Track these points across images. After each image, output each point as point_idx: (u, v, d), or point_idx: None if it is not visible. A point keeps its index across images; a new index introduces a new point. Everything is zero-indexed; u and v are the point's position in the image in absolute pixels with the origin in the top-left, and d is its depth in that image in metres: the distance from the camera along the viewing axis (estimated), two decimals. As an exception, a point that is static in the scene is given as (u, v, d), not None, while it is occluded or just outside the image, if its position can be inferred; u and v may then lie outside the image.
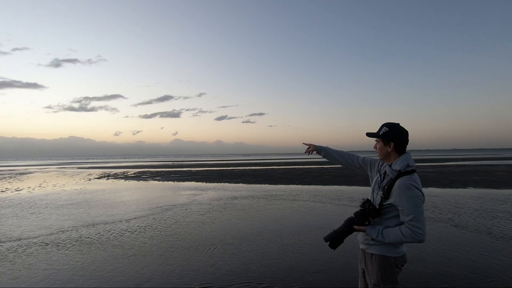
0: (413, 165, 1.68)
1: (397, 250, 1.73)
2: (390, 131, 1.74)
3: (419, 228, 1.56)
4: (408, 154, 1.71)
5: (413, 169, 1.67)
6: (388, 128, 1.75)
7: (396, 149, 1.73)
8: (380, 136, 1.77)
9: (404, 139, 1.73)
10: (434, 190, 11.30)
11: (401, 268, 1.75)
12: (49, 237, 5.68)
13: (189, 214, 7.64)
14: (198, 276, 3.75)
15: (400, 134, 1.73)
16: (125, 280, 3.69)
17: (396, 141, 1.72)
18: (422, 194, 1.61)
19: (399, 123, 1.77)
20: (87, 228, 6.33)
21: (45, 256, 4.60)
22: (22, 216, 7.73)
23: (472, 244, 4.78)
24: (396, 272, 1.73)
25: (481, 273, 3.67)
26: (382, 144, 1.77)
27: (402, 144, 1.73)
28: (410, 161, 1.68)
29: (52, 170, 33.06)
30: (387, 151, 1.76)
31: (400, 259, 1.74)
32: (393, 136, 1.73)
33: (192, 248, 4.90)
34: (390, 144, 1.73)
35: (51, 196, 11.57)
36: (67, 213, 8.07)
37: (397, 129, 1.74)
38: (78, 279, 3.72)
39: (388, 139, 1.74)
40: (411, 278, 3.56)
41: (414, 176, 1.65)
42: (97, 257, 4.55)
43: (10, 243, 5.36)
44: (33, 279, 3.75)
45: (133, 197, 11.34)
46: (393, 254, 1.72)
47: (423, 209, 1.61)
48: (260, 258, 4.36)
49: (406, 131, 1.75)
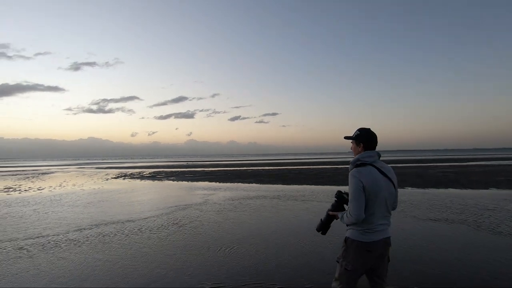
0: (365, 160, 2.03)
1: (362, 236, 2.01)
2: (361, 134, 2.12)
3: (351, 209, 1.95)
4: (365, 152, 2.06)
5: (363, 162, 2.02)
6: (359, 132, 2.14)
7: (364, 149, 2.09)
8: (353, 138, 2.16)
9: (370, 141, 2.09)
10: (454, 191, 10.90)
11: (365, 252, 1.99)
12: (68, 235, 5.86)
13: (203, 214, 7.69)
14: (210, 276, 3.75)
15: (368, 137, 2.10)
16: (140, 277, 3.75)
17: (365, 142, 2.09)
18: (359, 182, 1.93)
19: (370, 128, 2.14)
20: (104, 227, 6.49)
21: (64, 253, 4.75)
22: (44, 214, 8.02)
23: (495, 247, 4.56)
24: (357, 254, 2.00)
25: (503, 277, 3.49)
26: (355, 145, 2.16)
27: (369, 145, 2.09)
28: (361, 157, 2.05)
29: (72, 170, 34.22)
30: (358, 151, 2.14)
31: (363, 244, 1.99)
32: (363, 138, 2.11)
33: (205, 247, 4.93)
34: (361, 145, 2.11)
35: (70, 195, 11.96)
36: (86, 212, 8.31)
37: (367, 133, 2.11)
38: (95, 276, 3.81)
39: (359, 140, 2.12)
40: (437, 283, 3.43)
41: (360, 168, 1.99)
42: (113, 254, 4.64)
43: (32, 239, 5.56)
44: (52, 275, 3.87)
45: (148, 196, 11.55)
46: (356, 237, 2.02)
47: (358, 195, 1.93)
48: (274, 258, 4.32)
49: (374, 134, 2.12)
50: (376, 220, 1.98)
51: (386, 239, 2.05)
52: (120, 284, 3.58)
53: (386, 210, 2.02)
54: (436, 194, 10.23)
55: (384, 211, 2.00)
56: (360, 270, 2.03)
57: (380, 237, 2.01)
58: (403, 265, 3.93)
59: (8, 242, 5.42)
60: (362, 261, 2.01)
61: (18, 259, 4.53)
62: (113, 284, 3.58)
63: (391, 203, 2.05)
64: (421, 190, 11.47)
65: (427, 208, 7.78)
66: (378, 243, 2.00)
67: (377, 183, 1.95)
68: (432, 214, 7.05)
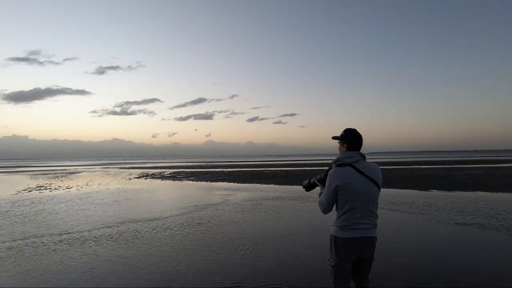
0: (344, 160, 2.11)
1: (340, 232, 2.10)
2: (346, 134, 2.19)
3: (320, 202, 2.18)
4: (347, 153, 2.14)
5: (342, 163, 2.10)
6: (344, 132, 2.22)
7: (349, 149, 2.16)
8: (338, 138, 2.25)
9: (354, 141, 2.15)
10: (483, 194, 10.36)
11: (341, 248, 2.08)
12: (94, 232, 6.14)
13: (222, 214, 7.80)
14: (230, 275, 3.81)
15: (352, 138, 2.16)
16: (163, 274, 3.87)
17: (349, 143, 2.16)
18: (333, 181, 2.06)
19: (355, 129, 2.21)
20: (128, 225, 6.75)
21: (91, 249, 4.98)
22: (72, 212, 8.45)
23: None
24: (336, 249, 2.11)
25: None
26: (340, 145, 2.24)
27: (352, 145, 2.15)
28: (341, 158, 2.14)
29: (97, 170, 35.73)
30: (342, 150, 2.22)
31: (339, 240, 2.09)
32: (347, 138, 2.17)
33: (224, 247, 5.00)
34: (345, 145, 2.18)
35: (96, 194, 12.51)
36: (111, 210, 8.66)
37: (351, 133, 2.18)
38: (120, 271, 3.98)
39: (344, 141, 2.19)
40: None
41: (338, 168, 2.10)
42: (137, 251, 4.82)
43: (62, 235, 5.88)
44: (80, 270, 4.07)
45: (169, 196, 11.86)
46: (335, 233, 2.13)
47: (328, 191, 2.09)
48: (292, 260, 4.31)
49: (357, 135, 2.18)
50: (355, 219, 2.05)
51: (366, 238, 2.08)
52: (143, 280, 3.71)
53: (367, 210, 2.07)
54: (463, 197, 9.76)
55: (365, 211, 2.06)
56: (342, 265, 2.11)
57: (359, 235, 2.07)
58: (431, 272, 3.79)
59: (42, 237, 5.76)
60: (341, 257, 2.10)
61: (50, 253, 4.80)
62: (137, 280, 3.72)
63: (373, 202, 2.09)
64: (447, 193, 11.00)
65: (453, 212, 7.46)
66: (356, 241, 2.07)
67: (353, 184, 2.03)
68: (460, 218, 6.74)
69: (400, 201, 9.20)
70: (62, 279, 3.78)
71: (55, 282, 3.71)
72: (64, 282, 3.70)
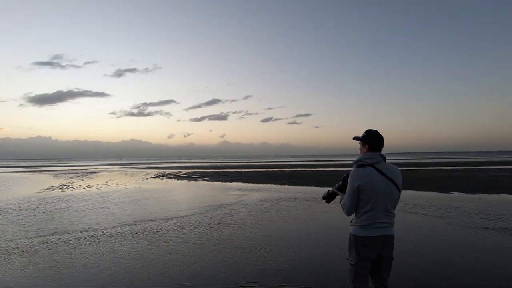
0: (366, 161, 2.12)
1: (360, 231, 2.12)
2: (367, 136, 2.20)
3: (344, 204, 2.19)
4: (368, 154, 2.15)
5: (363, 163, 2.12)
6: (365, 133, 2.22)
7: (370, 150, 2.17)
8: (360, 139, 2.25)
9: (375, 142, 2.16)
10: (506, 197, 9.91)
11: (361, 247, 2.10)
12: (114, 230, 6.34)
13: (236, 214, 7.85)
14: (245, 275, 3.83)
15: (373, 138, 2.17)
16: (179, 272, 3.95)
17: (370, 144, 2.17)
18: (355, 181, 2.07)
19: (376, 130, 2.22)
20: (146, 223, 6.92)
21: (110, 246, 5.15)
22: (93, 210, 8.75)
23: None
24: (356, 248, 2.12)
25: None
26: (361, 146, 2.24)
27: (374, 146, 2.16)
28: (362, 158, 2.15)
29: (116, 170, 36.81)
30: (363, 151, 2.22)
31: (359, 238, 2.11)
32: (368, 140, 2.18)
33: (240, 246, 5.03)
34: (366, 146, 2.19)
35: (115, 193, 12.90)
36: (128, 209, 8.91)
37: (372, 134, 2.19)
38: (138, 269, 4.09)
39: (365, 142, 2.20)
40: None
41: (359, 168, 2.11)
42: (154, 250, 4.94)
43: (84, 233, 6.11)
44: (101, 266, 4.22)
45: (185, 196, 12.06)
46: (355, 232, 2.15)
47: (350, 192, 2.11)
48: (307, 261, 4.29)
49: (379, 136, 2.19)
50: (375, 218, 2.08)
51: (386, 237, 2.12)
52: (161, 277, 3.80)
53: (386, 210, 2.10)
54: (486, 200, 9.37)
55: (384, 210, 2.09)
56: (362, 264, 2.11)
57: (378, 234, 2.10)
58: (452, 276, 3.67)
59: (65, 234, 6.01)
60: (362, 256, 2.11)
61: (73, 249, 5.00)
62: (154, 276, 3.82)
63: (393, 203, 2.13)
64: (469, 195, 10.58)
65: (476, 215, 7.17)
66: (376, 239, 2.10)
67: (375, 184, 2.06)
68: (483, 222, 6.48)
69: (420, 203, 8.94)
70: (84, 274, 3.94)
71: (78, 276, 3.87)
72: (86, 276, 3.85)
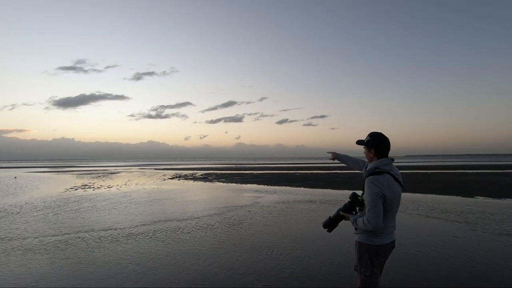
0: (383, 168, 2.01)
1: (372, 239, 2.03)
2: (371, 140, 2.08)
3: (371, 218, 1.90)
4: (381, 160, 2.03)
5: (381, 170, 2.00)
6: (369, 137, 2.10)
7: (376, 154, 2.06)
8: (364, 144, 2.13)
9: (382, 147, 2.05)
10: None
11: (376, 256, 2.02)
12: (133, 229, 6.51)
13: (252, 216, 7.86)
14: (261, 277, 3.83)
15: (379, 142, 2.06)
16: (196, 272, 4.00)
17: (375, 148, 2.06)
18: (380, 191, 1.91)
19: (381, 132, 2.10)
20: (163, 223, 7.06)
21: (130, 245, 5.29)
22: (113, 209, 9.03)
23: None
24: (371, 258, 2.02)
25: None
26: (366, 151, 2.13)
27: (381, 151, 2.05)
28: (379, 165, 2.02)
29: (134, 171, 37.82)
30: (370, 157, 2.11)
31: (374, 247, 2.02)
32: (373, 144, 2.07)
33: (256, 248, 5.04)
34: (372, 150, 2.08)
35: (134, 193, 13.25)
36: (147, 209, 9.13)
37: (377, 138, 2.07)
38: (157, 267, 4.18)
39: (370, 146, 2.08)
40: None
41: (379, 176, 1.97)
42: (171, 249, 5.03)
43: (104, 231, 6.31)
44: (121, 264, 4.35)
45: (201, 197, 12.21)
46: (367, 241, 2.04)
47: (378, 204, 1.91)
48: (324, 265, 4.23)
49: (385, 139, 2.06)
50: (387, 224, 2.01)
51: (392, 242, 2.10)
52: (178, 277, 3.87)
53: (395, 214, 2.07)
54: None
55: (393, 216, 2.06)
56: (376, 273, 2.05)
57: (389, 240, 2.07)
58: (474, 284, 3.51)
59: (87, 232, 6.24)
60: (375, 264, 2.05)
61: (95, 247, 5.18)
62: (172, 276, 3.89)
63: (399, 206, 2.09)
64: (496, 200, 10.08)
65: (503, 221, 6.82)
66: (387, 246, 2.07)
67: (394, 191, 1.99)
68: (510, 228, 6.15)
69: (442, 208, 8.61)
70: (106, 271, 4.07)
71: (100, 273, 4.00)
72: (108, 274, 3.98)
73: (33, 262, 4.47)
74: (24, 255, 4.83)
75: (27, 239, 5.74)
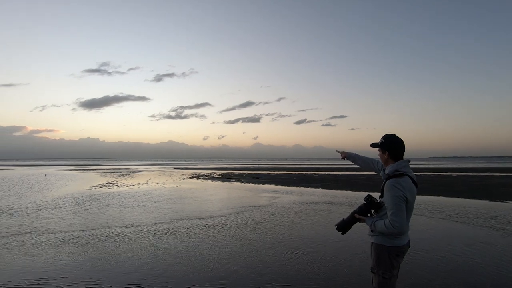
0: (402, 170, 2.01)
1: (392, 240, 2.02)
2: (386, 142, 2.11)
3: (395, 221, 1.91)
4: (400, 162, 2.05)
5: (401, 173, 2.00)
6: (384, 139, 2.13)
7: (391, 156, 2.09)
8: (379, 146, 2.15)
9: (397, 149, 2.07)
10: None
11: (395, 257, 2.03)
12: (154, 226, 6.72)
13: (269, 216, 7.88)
14: (278, 277, 3.85)
15: (394, 145, 2.08)
16: (214, 270, 4.08)
17: (390, 150, 2.09)
18: (402, 194, 1.92)
19: (395, 135, 2.12)
20: (182, 221, 7.23)
21: (151, 242, 5.48)
22: (135, 207, 9.36)
23: None
24: (391, 259, 2.02)
25: None
26: (381, 153, 2.15)
27: (396, 153, 2.08)
28: (398, 167, 2.03)
29: (155, 170, 38.88)
30: (385, 159, 2.13)
31: (394, 249, 2.03)
32: (388, 146, 2.10)
33: (273, 248, 5.06)
34: (386, 152, 2.10)
35: (155, 192, 13.64)
36: (167, 207, 9.38)
37: (391, 140, 2.09)
38: (176, 264, 4.30)
39: (385, 148, 2.11)
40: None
41: (400, 179, 1.97)
42: (190, 247, 5.16)
43: (126, 228, 6.56)
44: (143, 260, 4.51)
45: (219, 196, 12.37)
46: (386, 243, 2.03)
47: (402, 206, 1.92)
48: (341, 267, 4.18)
49: (400, 141, 2.09)
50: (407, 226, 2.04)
51: (408, 242, 2.12)
52: (197, 275, 3.96)
53: (411, 215, 2.07)
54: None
55: (410, 216, 2.05)
56: (395, 275, 2.06)
57: (406, 241, 2.09)
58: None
59: (111, 228, 6.51)
60: (395, 266, 2.05)
61: (118, 242, 5.41)
62: (190, 273, 3.99)
63: None
64: (528, 205, 9.48)
65: (536, 227, 6.41)
66: (405, 246, 2.09)
67: (413, 193, 2.01)
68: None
69: (468, 212, 8.23)
70: (129, 266, 4.24)
71: (123, 268, 4.18)
72: (130, 269, 4.15)
73: (61, 256, 4.74)
74: (55, 248, 5.12)
75: (57, 233, 6.08)
